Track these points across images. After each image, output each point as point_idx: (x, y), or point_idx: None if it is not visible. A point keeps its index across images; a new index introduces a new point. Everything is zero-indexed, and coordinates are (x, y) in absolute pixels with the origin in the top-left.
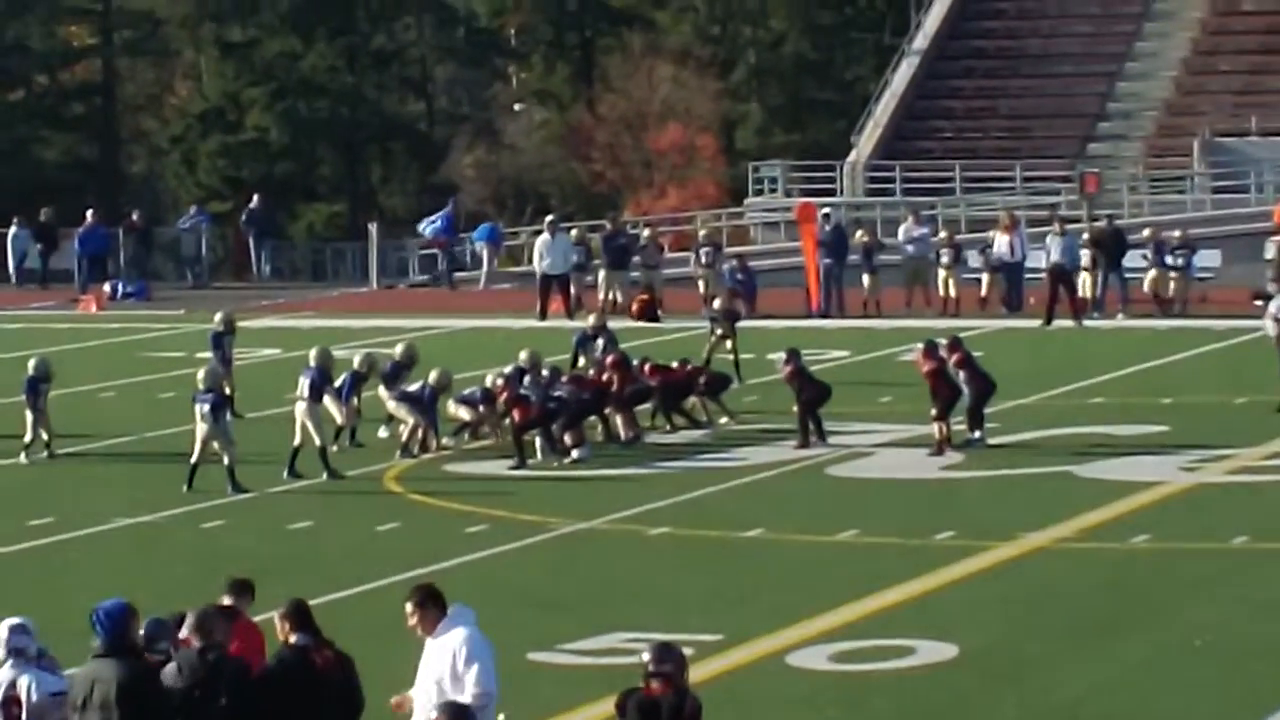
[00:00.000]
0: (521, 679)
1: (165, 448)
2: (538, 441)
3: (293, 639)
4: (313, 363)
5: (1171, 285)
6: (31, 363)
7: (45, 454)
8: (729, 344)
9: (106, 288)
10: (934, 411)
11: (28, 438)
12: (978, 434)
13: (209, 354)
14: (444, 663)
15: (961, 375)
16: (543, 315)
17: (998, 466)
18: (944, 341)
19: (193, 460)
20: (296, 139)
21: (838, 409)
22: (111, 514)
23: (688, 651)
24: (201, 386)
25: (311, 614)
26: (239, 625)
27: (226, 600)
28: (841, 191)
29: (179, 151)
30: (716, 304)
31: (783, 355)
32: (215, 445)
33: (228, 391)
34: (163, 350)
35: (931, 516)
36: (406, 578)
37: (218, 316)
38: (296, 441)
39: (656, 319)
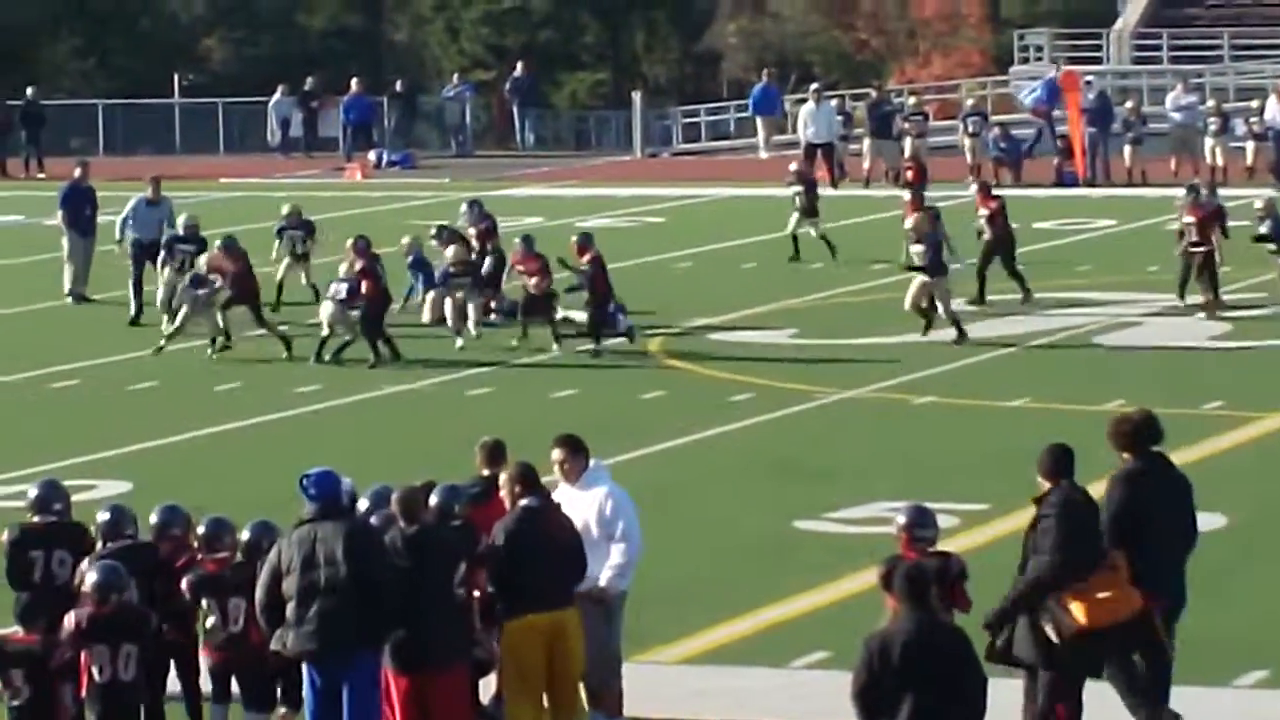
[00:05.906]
0: (788, 547)
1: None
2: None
3: (523, 501)
4: None
5: None
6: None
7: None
8: None
9: (371, 156)
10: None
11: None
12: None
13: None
14: (590, 511)
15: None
16: None
17: (1268, 336)
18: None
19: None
20: (559, 6)
21: (1105, 278)
22: (379, 381)
23: (954, 521)
24: None
25: (539, 476)
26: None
27: (484, 468)
28: (1107, 59)
29: (442, 20)
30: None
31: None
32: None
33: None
34: (428, 218)
35: (1199, 386)
36: (670, 446)
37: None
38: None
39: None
